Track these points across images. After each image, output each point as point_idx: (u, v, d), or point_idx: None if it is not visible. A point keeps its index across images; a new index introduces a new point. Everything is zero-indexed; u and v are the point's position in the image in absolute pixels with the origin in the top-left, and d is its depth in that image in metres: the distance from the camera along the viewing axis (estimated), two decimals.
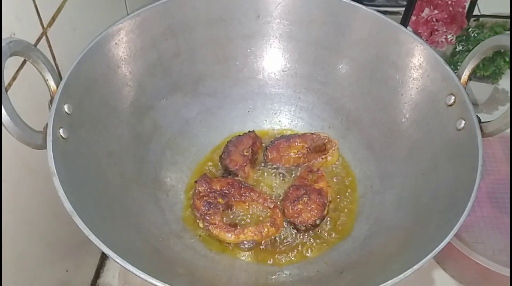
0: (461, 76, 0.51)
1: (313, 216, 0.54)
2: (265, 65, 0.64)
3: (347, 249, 0.53)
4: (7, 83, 0.43)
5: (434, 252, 0.39)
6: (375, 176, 0.58)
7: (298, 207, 0.55)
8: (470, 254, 0.58)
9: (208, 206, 0.54)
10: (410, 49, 0.55)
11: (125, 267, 0.37)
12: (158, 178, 0.57)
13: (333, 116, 0.63)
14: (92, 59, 0.50)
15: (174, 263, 0.50)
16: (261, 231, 0.53)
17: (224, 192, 0.55)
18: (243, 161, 0.58)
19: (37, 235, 0.51)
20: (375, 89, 0.60)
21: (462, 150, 0.48)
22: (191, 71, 0.61)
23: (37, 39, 0.47)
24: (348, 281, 0.48)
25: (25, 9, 0.45)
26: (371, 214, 0.55)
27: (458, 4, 0.78)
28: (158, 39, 0.58)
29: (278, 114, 0.66)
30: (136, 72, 0.56)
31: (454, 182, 0.47)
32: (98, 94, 0.51)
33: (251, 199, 0.55)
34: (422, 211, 0.49)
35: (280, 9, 0.61)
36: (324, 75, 0.63)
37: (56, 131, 0.43)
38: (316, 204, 0.55)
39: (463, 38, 0.77)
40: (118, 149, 0.53)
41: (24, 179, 0.47)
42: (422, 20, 0.78)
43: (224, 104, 0.64)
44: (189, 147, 0.61)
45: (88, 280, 0.63)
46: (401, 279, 0.38)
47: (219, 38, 0.61)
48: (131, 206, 0.51)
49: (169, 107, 0.60)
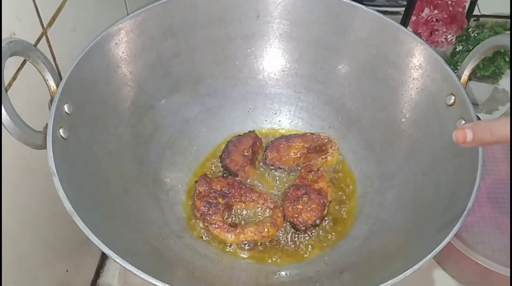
0: (461, 76, 0.51)
1: (313, 216, 0.54)
2: (265, 65, 0.64)
3: (347, 249, 0.53)
4: (7, 83, 0.43)
5: (434, 252, 0.40)
6: (375, 176, 0.58)
7: (298, 207, 0.55)
8: (470, 254, 0.58)
9: (208, 206, 0.54)
10: (410, 49, 0.55)
11: (125, 267, 0.37)
12: (158, 178, 0.57)
13: (333, 116, 0.63)
14: (92, 59, 0.50)
15: (174, 263, 0.50)
16: (261, 231, 0.52)
17: (224, 192, 0.55)
18: (243, 161, 0.58)
19: (37, 235, 0.51)
20: (375, 89, 0.60)
21: (462, 150, 0.48)
22: (191, 71, 0.61)
23: (37, 39, 0.47)
24: (348, 281, 0.48)
25: (25, 9, 0.45)
26: (371, 214, 0.55)
27: (458, 4, 0.78)
28: (158, 39, 0.58)
29: (278, 114, 0.66)
30: (136, 72, 0.56)
31: (454, 182, 0.47)
32: (98, 94, 0.51)
33: (251, 199, 0.55)
34: (422, 211, 0.49)
35: (280, 9, 0.61)
36: (324, 75, 0.63)
37: (56, 131, 0.43)
38: (316, 204, 0.55)
39: (463, 38, 0.77)
40: (118, 149, 0.53)
41: (24, 179, 0.47)
42: (422, 20, 0.78)
43: (224, 104, 0.64)
44: (189, 147, 0.61)
45: (88, 280, 0.63)
46: (401, 279, 0.38)
47: (219, 38, 0.61)
48: (131, 206, 0.51)
49: (169, 107, 0.60)
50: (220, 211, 0.54)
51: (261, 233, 0.52)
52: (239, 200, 0.55)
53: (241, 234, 0.52)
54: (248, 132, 0.62)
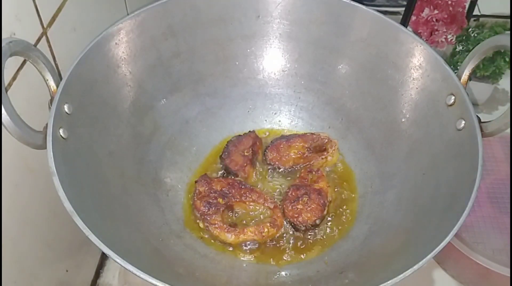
0: (461, 76, 0.51)
1: (313, 216, 0.54)
2: (265, 65, 0.64)
3: (347, 249, 0.53)
4: (7, 83, 0.43)
5: (434, 252, 0.39)
6: (375, 176, 0.58)
7: (298, 207, 0.54)
8: (470, 254, 0.59)
9: (209, 207, 0.54)
10: (410, 49, 0.55)
11: (125, 267, 0.37)
12: (158, 178, 0.57)
13: (333, 116, 0.63)
14: (92, 59, 0.50)
15: (174, 263, 0.50)
16: (261, 231, 0.52)
17: (225, 192, 0.55)
18: (243, 161, 0.58)
19: (37, 235, 0.51)
20: (375, 89, 0.59)
21: (462, 150, 0.48)
22: (191, 71, 0.61)
23: (37, 39, 0.47)
24: (348, 281, 0.48)
25: (25, 9, 0.45)
26: (371, 214, 0.55)
27: (458, 4, 0.78)
28: (158, 39, 0.58)
29: (278, 114, 0.66)
30: (136, 72, 0.56)
31: (454, 182, 0.47)
32: (98, 94, 0.51)
33: (251, 200, 0.55)
34: (422, 211, 0.49)
35: (280, 9, 0.61)
36: (324, 75, 0.63)
37: (56, 131, 0.43)
38: (316, 204, 0.55)
39: (463, 38, 0.77)
40: (118, 149, 0.53)
41: (24, 179, 0.47)
42: (422, 20, 0.78)
43: (224, 104, 0.64)
44: (189, 147, 0.61)
45: (88, 280, 0.63)
46: (401, 279, 0.38)
47: (219, 38, 0.61)
48: (131, 206, 0.51)
49: (169, 107, 0.60)
50: (220, 211, 0.54)
51: (261, 233, 0.52)
52: (239, 200, 0.55)
53: (241, 234, 0.52)
54: (248, 132, 0.62)
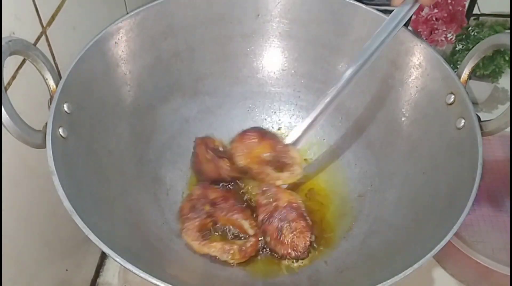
0: (461, 75, 0.51)
1: (307, 236, 0.51)
2: (264, 64, 0.64)
3: (347, 249, 0.53)
4: (6, 82, 0.43)
5: (434, 251, 0.39)
6: (375, 175, 0.58)
7: (287, 239, 0.50)
8: (470, 253, 0.58)
9: (192, 210, 0.53)
10: (410, 48, 0.55)
11: (125, 266, 0.37)
12: (158, 178, 0.57)
13: (333, 115, 0.63)
14: (92, 58, 0.50)
15: (174, 262, 0.50)
16: (226, 250, 0.50)
17: (215, 202, 0.53)
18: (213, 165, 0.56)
19: (36, 234, 0.50)
20: (375, 88, 0.59)
21: (462, 149, 0.48)
22: (191, 70, 0.61)
23: (37, 38, 0.47)
24: (348, 281, 0.48)
25: (24, 8, 0.45)
26: (371, 213, 0.55)
27: (458, 3, 0.77)
28: (157, 38, 0.57)
29: (278, 113, 0.66)
30: (135, 71, 0.56)
31: (454, 181, 0.47)
32: (97, 93, 0.51)
33: (234, 219, 0.52)
34: (421, 210, 0.49)
35: (280, 8, 0.61)
36: (324, 74, 0.63)
37: (55, 130, 0.43)
38: (298, 221, 0.51)
39: (463, 37, 0.77)
40: (117, 148, 0.53)
41: (23, 178, 0.47)
42: (422, 19, 0.78)
43: (223, 103, 0.64)
44: (189, 146, 0.61)
45: (88, 279, 0.63)
46: (401, 278, 0.38)
47: (219, 37, 0.61)
48: (130, 205, 0.51)
49: (169, 106, 0.60)
50: (201, 218, 0.53)
51: (225, 253, 0.50)
52: (225, 214, 0.53)
53: (205, 246, 0.50)
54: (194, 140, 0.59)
